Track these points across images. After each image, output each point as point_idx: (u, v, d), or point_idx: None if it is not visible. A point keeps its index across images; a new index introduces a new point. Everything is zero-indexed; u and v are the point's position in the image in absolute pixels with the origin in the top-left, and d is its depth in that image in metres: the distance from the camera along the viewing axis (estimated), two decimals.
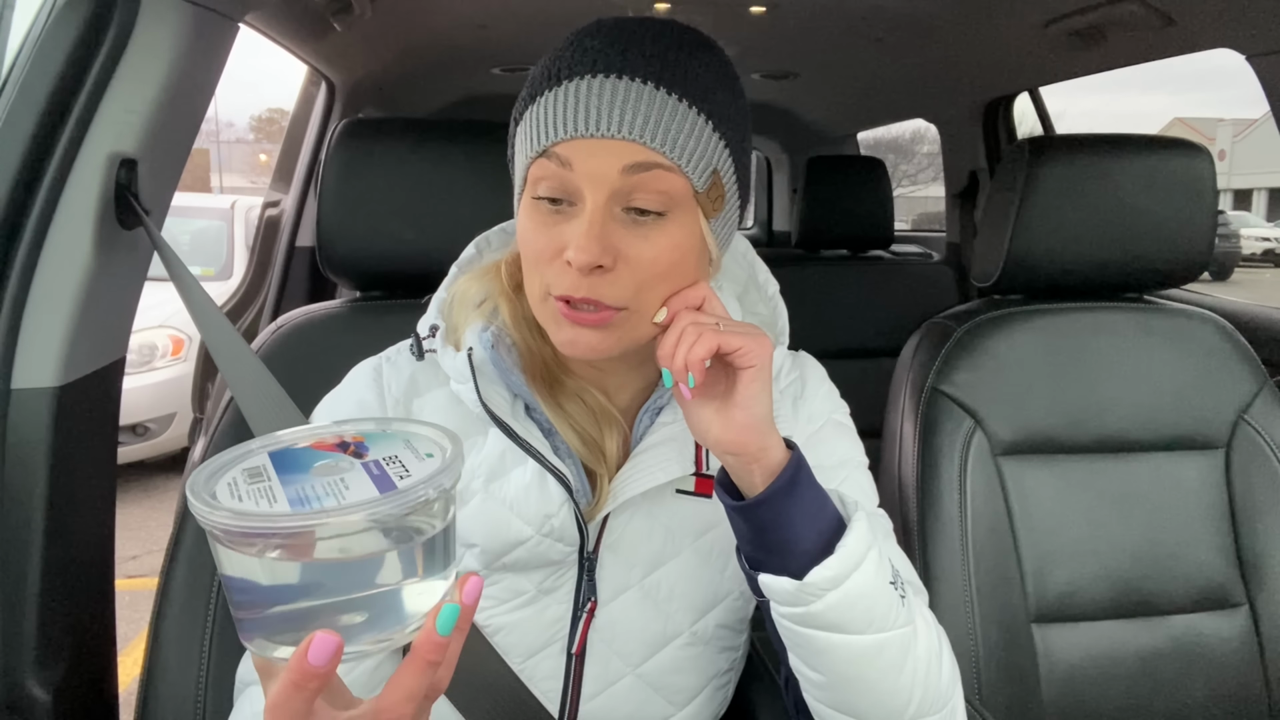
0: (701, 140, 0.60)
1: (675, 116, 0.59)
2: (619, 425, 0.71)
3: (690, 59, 0.61)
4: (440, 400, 0.71)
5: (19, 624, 0.87)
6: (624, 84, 0.59)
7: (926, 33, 1.96)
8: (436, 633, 0.42)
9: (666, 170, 0.59)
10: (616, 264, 0.60)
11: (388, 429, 0.48)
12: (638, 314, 0.62)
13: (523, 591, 0.70)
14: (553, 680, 0.71)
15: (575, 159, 0.60)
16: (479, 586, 0.45)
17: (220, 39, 1.04)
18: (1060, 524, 1.17)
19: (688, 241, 0.62)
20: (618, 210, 0.60)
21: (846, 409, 0.80)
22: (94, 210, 0.90)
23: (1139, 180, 1.21)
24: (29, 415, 0.87)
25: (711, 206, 0.63)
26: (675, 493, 0.71)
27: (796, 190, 2.52)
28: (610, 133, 0.58)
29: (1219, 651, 1.16)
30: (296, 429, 0.48)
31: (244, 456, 0.45)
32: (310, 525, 0.39)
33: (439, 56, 2.33)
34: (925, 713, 0.63)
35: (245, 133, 42.02)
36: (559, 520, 0.68)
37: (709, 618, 0.74)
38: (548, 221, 0.62)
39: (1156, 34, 1.54)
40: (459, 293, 0.73)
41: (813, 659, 0.62)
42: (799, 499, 0.60)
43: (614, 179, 0.59)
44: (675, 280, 0.62)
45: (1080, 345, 1.23)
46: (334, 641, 0.39)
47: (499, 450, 0.69)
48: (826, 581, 0.58)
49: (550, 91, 0.61)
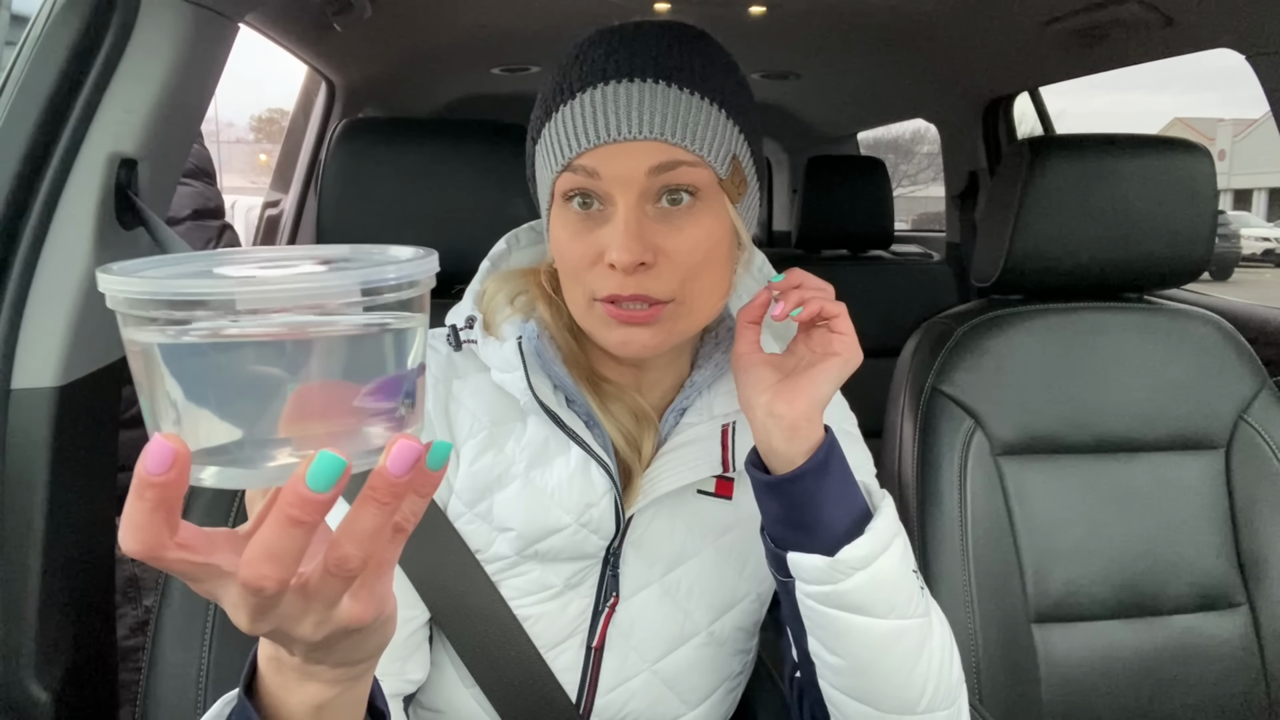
0: (719, 130, 0.62)
1: (690, 110, 0.60)
2: (655, 425, 0.72)
3: (692, 53, 0.63)
4: (480, 385, 0.72)
5: (19, 624, 0.87)
6: (636, 86, 0.60)
7: (926, 33, 1.96)
8: (304, 483, 0.33)
9: (691, 165, 0.61)
10: (657, 259, 0.62)
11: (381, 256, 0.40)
12: (684, 305, 0.64)
13: (550, 585, 0.71)
14: (571, 672, 0.72)
15: (600, 167, 0.61)
16: (412, 455, 0.35)
17: (220, 39, 1.04)
18: (1060, 524, 1.17)
19: (720, 229, 0.64)
20: (649, 207, 0.62)
21: (855, 420, 0.81)
22: (94, 210, 0.90)
23: (1139, 180, 1.22)
24: (29, 415, 0.87)
25: (736, 192, 0.64)
26: (696, 493, 0.72)
27: (796, 190, 2.52)
28: (631, 135, 0.60)
29: (1219, 651, 1.16)
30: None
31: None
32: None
33: (439, 56, 2.33)
34: (936, 707, 0.64)
35: (245, 133, 42.02)
36: (599, 510, 0.69)
37: (726, 618, 0.75)
38: (581, 229, 0.63)
39: (1157, 34, 1.54)
40: (494, 289, 0.74)
41: (834, 641, 0.62)
42: (832, 478, 0.61)
43: (641, 180, 0.61)
44: (714, 267, 0.64)
45: (1080, 345, 1.23)
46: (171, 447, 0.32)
47: (541, 437, 0.70)
48: (857, 560, 0.60)
49: (565, 106, 0.62)
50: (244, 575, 0.34)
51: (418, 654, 0.70)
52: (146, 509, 0.32)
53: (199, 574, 0.35)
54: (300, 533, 0.34)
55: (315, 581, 0.36)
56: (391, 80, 2.47)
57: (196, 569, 0.35)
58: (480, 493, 0.70)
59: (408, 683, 0.69)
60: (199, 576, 0.35)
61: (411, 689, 0.70)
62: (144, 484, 0.32)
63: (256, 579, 0.34)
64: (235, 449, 0.34)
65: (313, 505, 0.33)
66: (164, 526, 0.33)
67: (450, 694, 0.72)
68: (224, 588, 0.36)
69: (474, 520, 0.70)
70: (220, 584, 0.36)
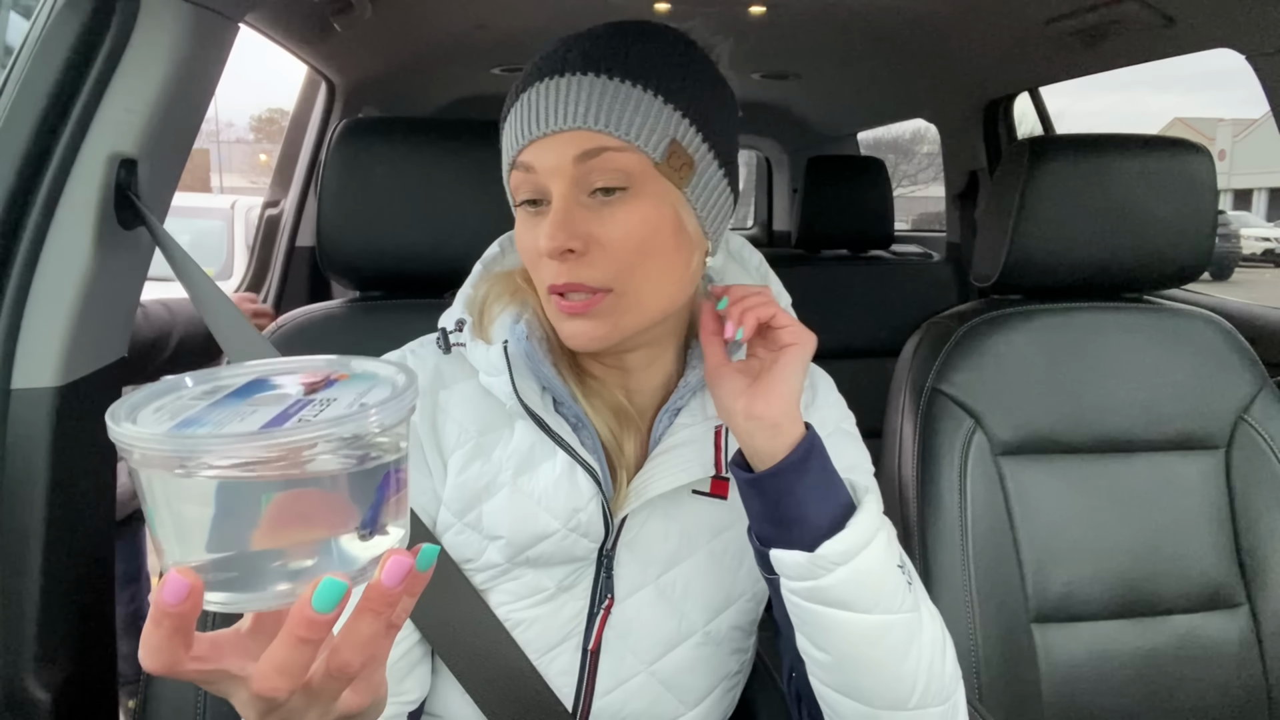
0: (650, 115, 0.62)
1: (617, 98, 0.62)
2: (637, 427, 0.72)
3: (632, 45, 0.64)
4: (467, 392, 0.72)
5: (19, 624, 0.87)
6: (565, 80, 0.62)
7: (926, 33, 1.96)
8: (310, 606, 0.36)
9: (616, 151, 0.62)
10: (590, 247, 0.63)
11: (375, 371, 0.44)
12: (625, 296, 0.64)
13: (543, 588, 0.71)
14: (568, 676, 0.72)
15: (535, 161, 0.63)
16: (403, 568, 0.38)
17: (220, 39, 1.04)
18: (1060, 524, 1.17)
19: (658, 214, 0.64)
20: (583, 197, 0.63)
21: (853, 418, 0.81)
22: (94, 210, 0.90)
23: (1139, 180, 1.22)
24: (29, 415, 0.87)
25: (678, 176, 0.64)
26: (691, 493, 0.72)
27: (796, 190, 2.52)
28: (556, 126, 0.62)
29: (1219, 651, 1.16)
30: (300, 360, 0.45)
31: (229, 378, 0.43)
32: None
33: (439, 56, 2.33)
34: (929, 703, 0.64)
35: (245, 133, 42.07)
36: (586, 515, 0.69)
37: (722, 618, 0.74)
38: (530, 224, 0.66)
39: (1157, 34, 1.54)
40: (486, 289, 0.74)
41: (819, 637, 0.63)
42: (812, 473, 0.62)
43: (569, 169, 0.62)
44: (656, 255, 0.64)
45: (1080, 345, 1.23)
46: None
47: (528, 443, 0.70)
48: (838, 555, 0.60)
49: (511, 109, 0.66)
50: (258, 687, 0.38)
51: (414, 673, 0.70)
52: (164, 635, 0.36)
53: (212, 679, 0.39)
54: (308, 649, 0.37)
55: (319, 682, 0.39)
56: (391, 80, 2.47)
57: (209, 675, 0.39)
58: (469, 502, 0.70)
59: (405, 703, 0.69)
60: (212, 680, 0.39)
61: (411, 707, 0.70)
62: (161, 613, 0.35)
63: (270, 690, 0.38)
64: (230, 565, 0.37)
65: (318, 625, 0.37)
66: (180, 647, 0.37)
67: (448, 699, 0.72)
68: (234, 689, 0.40)
69: (464, 530, 0.70)
70: (231, 685, 0.39)
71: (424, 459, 0.71)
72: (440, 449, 0.71)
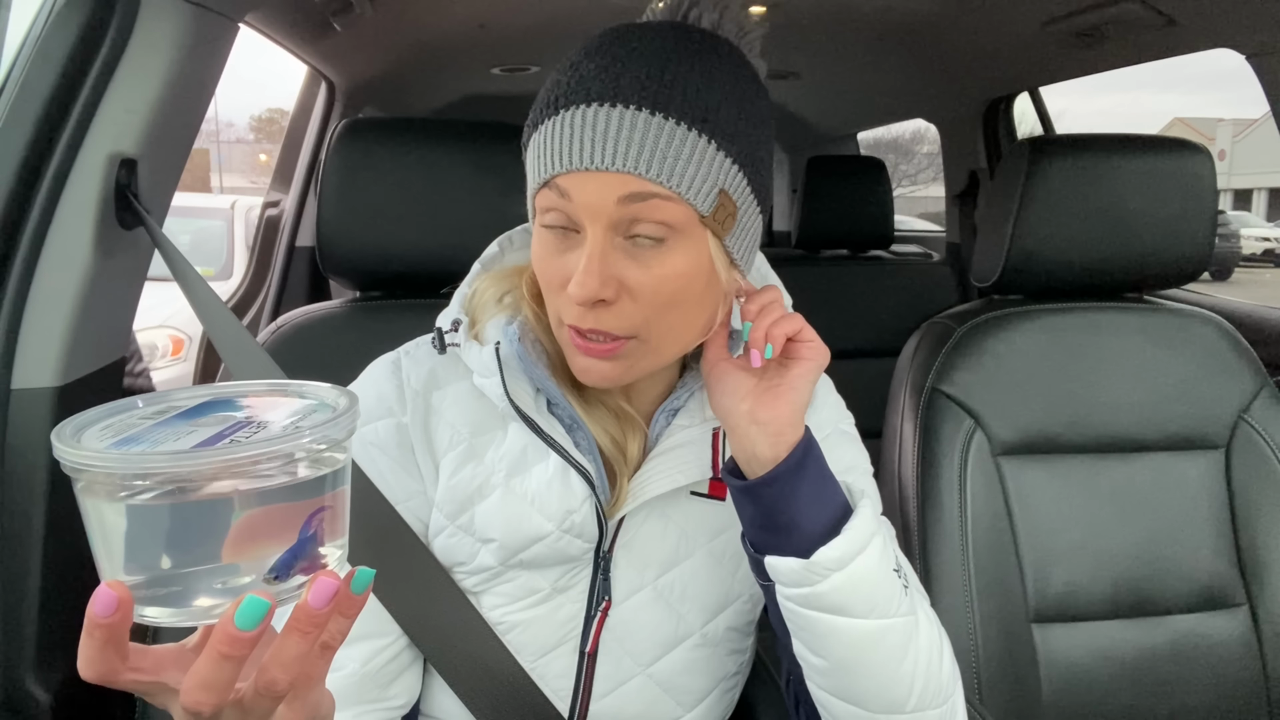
0: (703, 164, 0.58)
1: (672, 142, 0.57)
2: (640, 428, 0.71)
3: (690, 72, 0.59)
4: (460, 393, 0.71)
5: (19, 624, 0.87)
6: (617, 113, 0.58)
7: (926, 33, 1.96)
8: (232, 623, 0.37)
9: (665, 200, 0.58)
10: (620, 295, 0.60)
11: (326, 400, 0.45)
12: (647, 343, 0.63)
13: (537, 590, 0.70)
14: (564, 679, 0.71)
15: (573, 190, 0.59)
16: (329, 589, 0.38)
17: (220, 39, 1.04)
18: (1060, 524, 1.17)
19: (693, 267, 0.61)
20: (619, 239, 0.60)
21: (852, 419, 0.81)
22: (94, 210, 0.90)
23: (1139, 180, 1.21)
24: (29, 415, 0.87)
25: (720, 227, 0.61)
26: (689, 495, 0.72)
27: (796, 190, 2.52)
28: (604, 165, 0.57)
29: (1219, 651, 1.16)
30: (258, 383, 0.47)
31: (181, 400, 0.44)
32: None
33: (439, 56, 2.33)
34: (926, 705, 0.64)
35: (245, 133, 42.04)
36: (580, 516, 0.68)
37: (720, 619, 0.74)
38: (555, 250, 0.62)
39: (1156, 34, 1.54)
40: (482, 289, 0.73)
41: (815, 643, 0.62)
42: (806, 479, 0.61)
43: (610, 210, 0.58)
44: (684, 306, 0.62)
45: (1080, 345, 1.23)
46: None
47: (520, 445, 0.69)
48: (832, 562, 0.59)
49: (549, 120, 0.60)
50: (183, 701, 0.39)
51: (401, 678, 0.69)
52: (97, 646, 0.38)
53: (151, 690, 0.40)
54: (230, 665, 0.38)
55: (249, 699, 0.40)
56: (391, 80, 2.47)
57: (147, 687, 0.40)
58: (461, 505, 0.69)
59: (392, 709, 0.68)
60: (151, 693, 0.41)
61: (399, 713, 0.69)
62: (93, 625, 0.37)
63: (194, 705, 0.38)
64: (158, 581, 0.39)
65: (240, 643, 0.37)
66: (115, 656, 0.38)
67: (442, 702, 0.72)
68: (173, 702, 0.40)
69: (456, 533, 0.70)
70: (169, 698, 0.40)
71: (415, 463, 0.70)
72: (432, 452, 0.70)
